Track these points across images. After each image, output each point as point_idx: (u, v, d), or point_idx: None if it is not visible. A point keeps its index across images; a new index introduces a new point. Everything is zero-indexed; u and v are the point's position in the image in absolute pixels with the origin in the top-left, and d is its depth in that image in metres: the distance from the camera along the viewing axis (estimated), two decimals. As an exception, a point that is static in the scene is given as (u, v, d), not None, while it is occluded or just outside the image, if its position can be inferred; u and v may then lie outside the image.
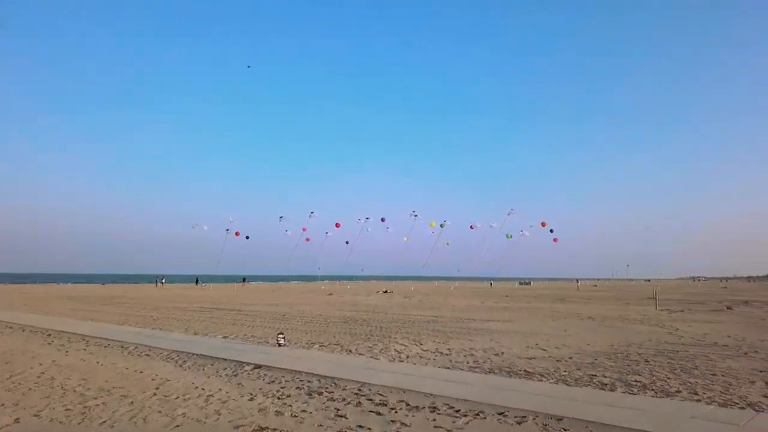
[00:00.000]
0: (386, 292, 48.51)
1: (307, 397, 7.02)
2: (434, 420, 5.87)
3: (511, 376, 8.42)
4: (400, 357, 10.35)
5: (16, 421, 5.94)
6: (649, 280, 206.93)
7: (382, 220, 53.33)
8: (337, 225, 44.42)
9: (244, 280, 76.77)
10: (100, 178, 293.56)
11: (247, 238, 59.93)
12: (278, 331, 13.31)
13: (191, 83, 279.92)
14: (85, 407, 6.49)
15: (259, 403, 6.66)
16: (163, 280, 73.03)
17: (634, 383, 7.89)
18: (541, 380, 8.13)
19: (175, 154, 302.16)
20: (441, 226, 49.00)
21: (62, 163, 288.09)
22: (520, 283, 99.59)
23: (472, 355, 10.63)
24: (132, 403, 6.71)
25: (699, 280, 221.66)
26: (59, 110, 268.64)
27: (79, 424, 5.81)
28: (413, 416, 6.03)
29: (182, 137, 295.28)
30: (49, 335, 13.82)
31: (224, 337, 13.53)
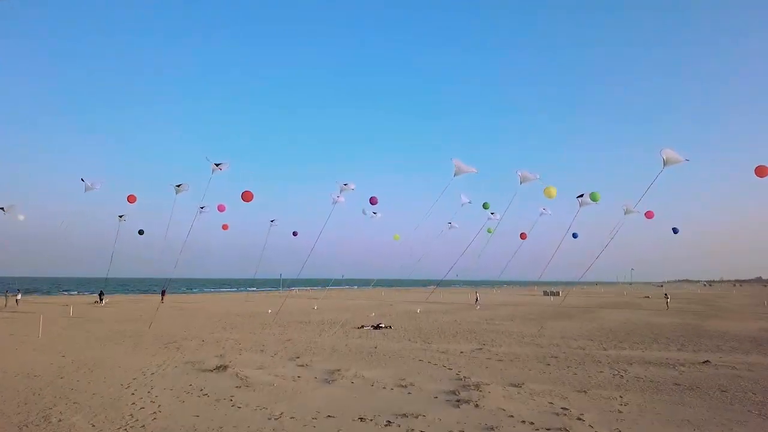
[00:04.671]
0: (380, 328, 23.53)
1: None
2: None
3: None
4: None
5: None
6: (662, 285, 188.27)
7: (372, 201, 27.92)
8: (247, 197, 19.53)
9: (163, 292, 50.68)
10: (104, 179, 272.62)
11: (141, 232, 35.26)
12: None
13: (188, 85, 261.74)
14: None
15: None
16: (18, 295, 45.42)
17: None
18: None
19: (176, 154, 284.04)
20: (449, 223, 32.28)
21: (65, 162, 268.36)
22: (546, 294, 76.01)
23: None
24: None
25: (709, 285, 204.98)
26: (62, 111, 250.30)
27: None
28: None
29: (183, 138, 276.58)
30: None
31: None
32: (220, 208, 24.09)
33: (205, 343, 17.84)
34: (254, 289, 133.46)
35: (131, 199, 22.87)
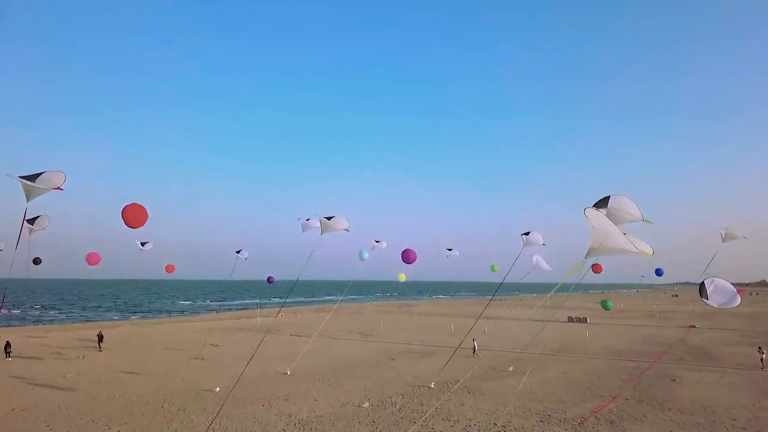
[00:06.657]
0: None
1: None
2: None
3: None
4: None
5: None
6: (676, 295, 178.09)
7: (409, 259, 26.69)
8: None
9: (100, 338, 39.50)
10: (104, 179, 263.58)
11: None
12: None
13: (189, 87, 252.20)
14: None
15: None
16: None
17: None
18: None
19: (177, 155, 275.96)
20: (449, 249, 33.13)
21: (70, 162, 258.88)
22: (571, 319, 65.49)
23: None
24: None
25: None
26: (68, 111, 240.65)
27: None
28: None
29: (185, 139, 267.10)
30: None
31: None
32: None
33: None
34: (244, 303, 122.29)
35: None
